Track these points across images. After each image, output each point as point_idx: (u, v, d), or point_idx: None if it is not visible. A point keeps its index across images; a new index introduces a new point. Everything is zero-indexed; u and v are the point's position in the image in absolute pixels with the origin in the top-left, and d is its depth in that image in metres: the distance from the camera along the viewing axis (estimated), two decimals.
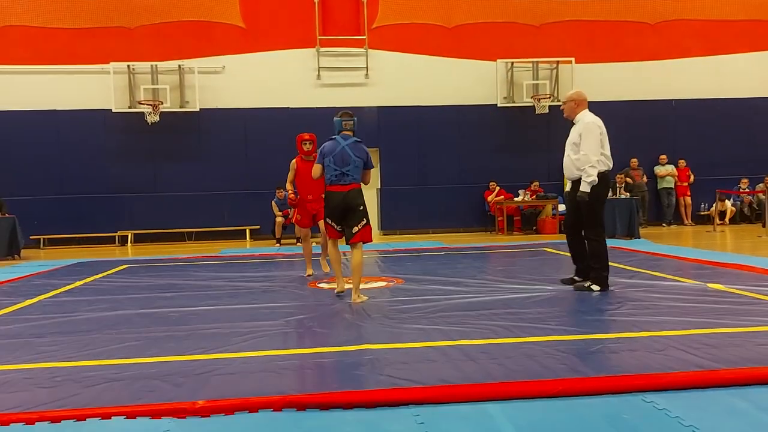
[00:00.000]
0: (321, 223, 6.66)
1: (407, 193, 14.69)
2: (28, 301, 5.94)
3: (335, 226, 5.57)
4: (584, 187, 5.42)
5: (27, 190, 13.61)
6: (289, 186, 7.08)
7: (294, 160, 7.06)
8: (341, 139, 5.50)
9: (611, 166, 5.65)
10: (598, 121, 5.58)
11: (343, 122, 5.56)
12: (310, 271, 7.38)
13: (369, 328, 4.32)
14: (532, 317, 4.51)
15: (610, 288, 5.63)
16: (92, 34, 14.00)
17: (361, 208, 5.45)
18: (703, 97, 15.21)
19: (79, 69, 13.93)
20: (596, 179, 5.41)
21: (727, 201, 14.54)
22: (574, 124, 5.73)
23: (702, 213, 15.00)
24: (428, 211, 14.74)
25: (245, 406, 2.70)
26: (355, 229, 5.42)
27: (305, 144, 6.97)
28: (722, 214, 14.49)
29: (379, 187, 14.68)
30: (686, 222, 14.97)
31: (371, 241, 5.65)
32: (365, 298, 5.47)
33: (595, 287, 5.56)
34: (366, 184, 5.63)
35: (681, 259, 7.87)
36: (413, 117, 14.45)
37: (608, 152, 5.59)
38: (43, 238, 13.75)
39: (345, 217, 5.47)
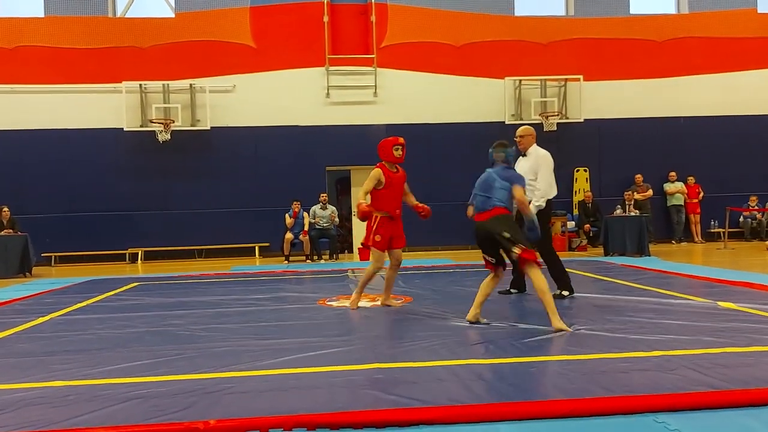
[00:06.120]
0: (398, 251, 6.28)
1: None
2: (40, 319, 5.98)
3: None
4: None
5: (39, 208, 13.74)
6: (364, 196, 5.94)
7: (379, 170, 6.02)
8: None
9: (555, 193, 6.47)
10: (548, 154, 6.42)
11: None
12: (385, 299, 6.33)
13: (378, 346, 4.32)
14: (542, 336, 4.50)
15: (620, 305, 5.64)
16: (104, 53, 14.19)
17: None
18: (712, 114, 15.20)
19: (91, 88, 14.12)
20: (543, 205, 6.26)
21: None
22: (524, 155, 6.50)
23: (712, 230, 14.93)
24: (437, 228, 14.67)
25: (256, 426, 2.71)
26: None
27: (396, 150, 6.16)
28: None
29: None
30: (696, 239, 14.89)
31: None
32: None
33: (565, 292, 6.37)
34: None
35: (691, 277, 7.82)
36: (421, 134, 14.47)
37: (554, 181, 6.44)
38: (55, 256, 13.86)
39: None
